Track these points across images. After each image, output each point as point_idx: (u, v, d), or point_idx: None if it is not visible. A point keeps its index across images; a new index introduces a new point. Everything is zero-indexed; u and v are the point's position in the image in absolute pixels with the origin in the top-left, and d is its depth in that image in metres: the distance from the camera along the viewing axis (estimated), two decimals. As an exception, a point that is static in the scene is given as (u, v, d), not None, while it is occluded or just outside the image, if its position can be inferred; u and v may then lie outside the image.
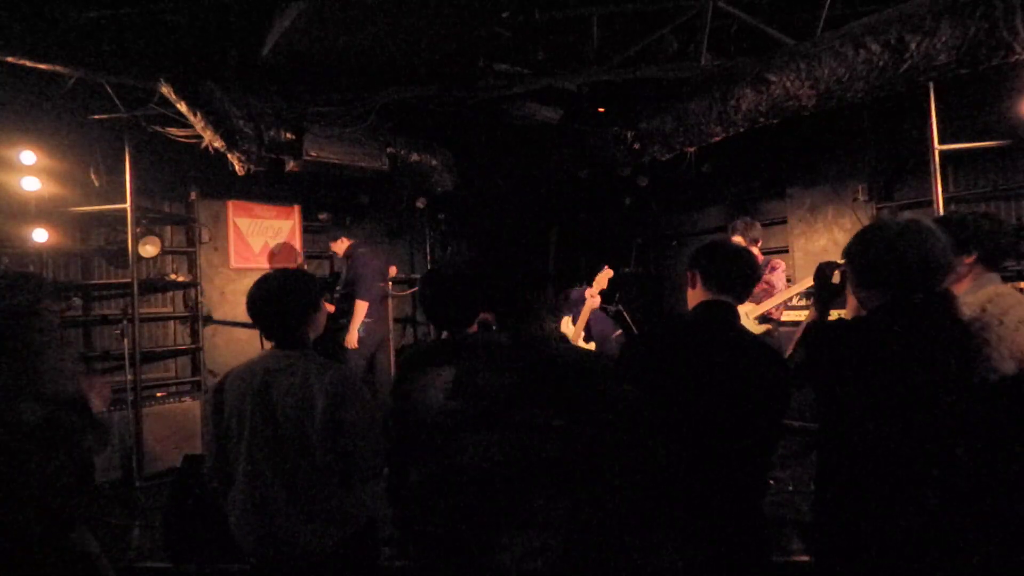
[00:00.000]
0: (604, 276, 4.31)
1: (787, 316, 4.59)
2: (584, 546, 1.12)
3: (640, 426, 1.20)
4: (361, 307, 5.10)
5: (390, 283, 5.83)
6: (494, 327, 2.49)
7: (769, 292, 4.22)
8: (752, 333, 1.85)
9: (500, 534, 1.13)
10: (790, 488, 3.80)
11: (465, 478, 1.18)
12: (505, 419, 1.17)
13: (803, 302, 4.94)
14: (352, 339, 5.08)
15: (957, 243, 2.00)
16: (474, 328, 2.03)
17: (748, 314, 4.15)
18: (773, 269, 4.28)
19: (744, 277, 1.80)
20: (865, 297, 1.74)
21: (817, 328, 1.82)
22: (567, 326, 4.29)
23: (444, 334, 2.00)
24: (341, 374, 1.96)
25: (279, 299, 1.96)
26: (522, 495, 1.13)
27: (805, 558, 2.87)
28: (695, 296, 1.83)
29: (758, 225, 4.39)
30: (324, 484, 1.90)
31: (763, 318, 4.18)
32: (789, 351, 1.87)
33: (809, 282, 3.93)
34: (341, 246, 5.52)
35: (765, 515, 1.74)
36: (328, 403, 1.89)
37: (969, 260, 1.99)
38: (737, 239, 4.22)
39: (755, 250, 4.32)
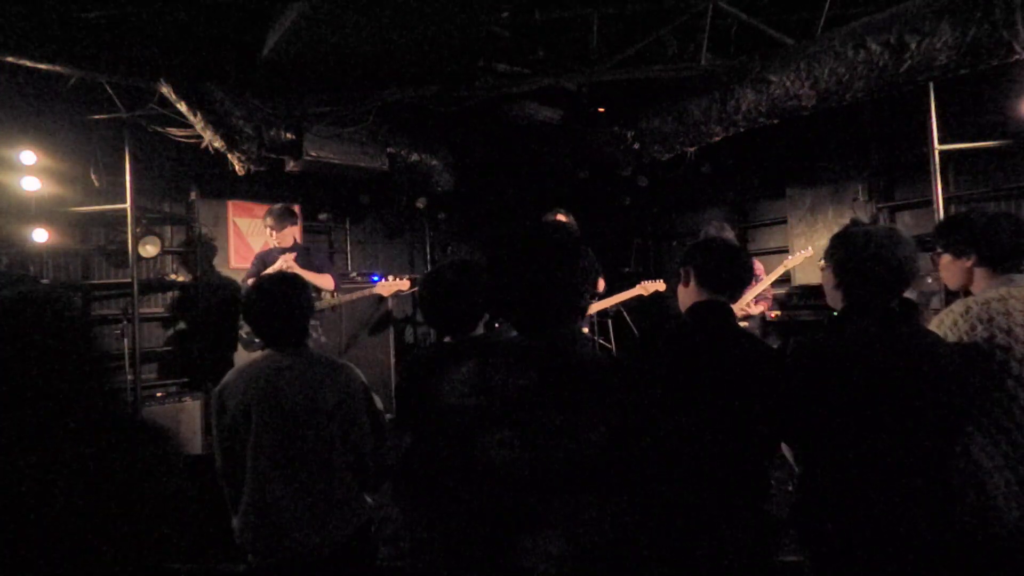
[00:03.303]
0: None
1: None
2: (606, 553, 1.09)
3: (662, 436, 1.16)
4: None
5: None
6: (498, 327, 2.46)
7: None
8: (751, 334, 1.85)
9: (520, 536, 1.10)
10: (789, 488, 3.80)
11: (485, 478, 1.14)
12: (523, 418, 1.13)
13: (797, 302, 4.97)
14: None
15: (956, 246, 1.97)
16: (479, 330, 2.02)
17: None
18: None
19: (740, 277, 1.79)
20: (835, 298, 1.81)
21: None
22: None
23: (446, 338, 1.94)
24: (353, 375, 1.99)
25: (279, 303, 1.97)
26: (542, 497, 1.09)
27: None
28: (688, 294, 1.82)
29: (728, 227, 4.43)
30: (332, 481, 1.92)
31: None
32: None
33: (776, 275, 4.20)
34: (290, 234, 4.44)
35: (770, 516, 1.74)
36: (340, 402, 1.92)
37: (970, 263, 1.93)
38: None
39: None
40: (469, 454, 1.16)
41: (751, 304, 4.22)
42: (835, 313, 1.82)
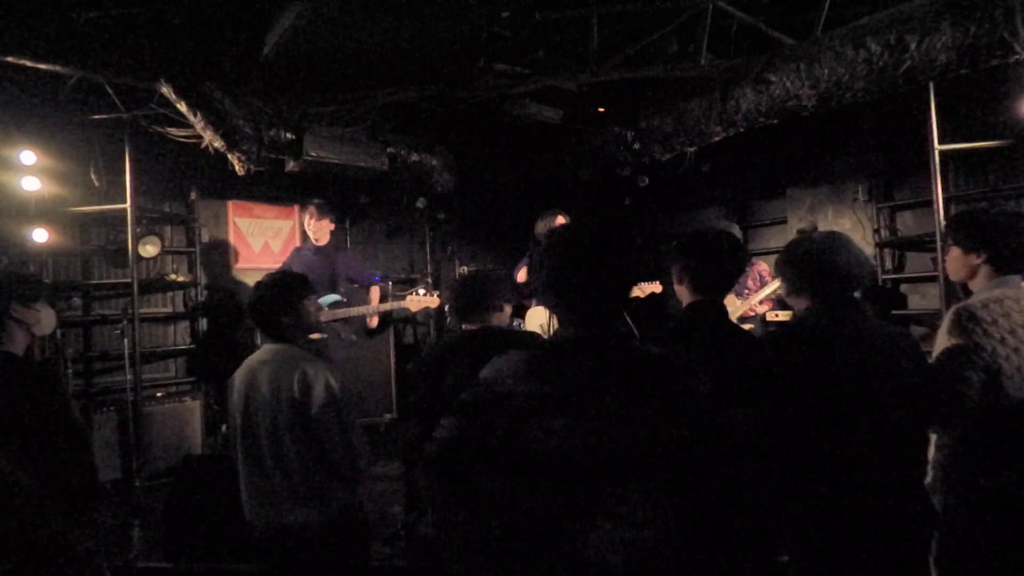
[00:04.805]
0: None
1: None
2: (670, 543, 1.08)
3: (726, 428, 1.16)
4: None
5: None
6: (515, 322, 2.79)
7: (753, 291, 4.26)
8: (745, 330, 1.88)
9: (579, 524, 1.08)
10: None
11: (537, 464, 1.13)
12: (580, 404, 1.13)
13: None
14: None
15: (968, 242, 1.99)
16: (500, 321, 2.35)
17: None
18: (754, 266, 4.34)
19: (731, 275, 1.84)
20: (795, 302, 1.93)
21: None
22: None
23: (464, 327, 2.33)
24: (314, 369, 2.10)
25: (265, 300, 2.19)
26: (602, 485, 1.09)
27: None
28: (682, 293, 1.87)
29: (735, 226, 4.39)
30: (298, 468, 2.08)
31: (740, 319, 4.18)
32: None
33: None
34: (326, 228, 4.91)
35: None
36: (298, 395, 2.06)
37: (979, 260, 1.96)
38: None
39: None
40: (520, 440, 1.15)
41: (756, 305, 4.20)
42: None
